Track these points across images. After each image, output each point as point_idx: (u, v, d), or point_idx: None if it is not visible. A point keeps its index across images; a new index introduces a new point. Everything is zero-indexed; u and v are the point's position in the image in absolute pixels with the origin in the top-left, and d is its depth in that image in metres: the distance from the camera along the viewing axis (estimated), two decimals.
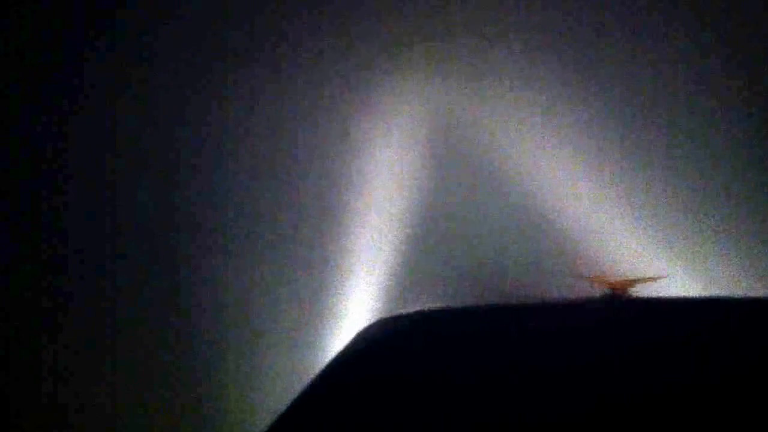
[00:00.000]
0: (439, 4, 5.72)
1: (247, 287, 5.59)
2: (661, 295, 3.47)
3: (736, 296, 4.59)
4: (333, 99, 5.67)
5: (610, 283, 3.43)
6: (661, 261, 5.20)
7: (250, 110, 5.71)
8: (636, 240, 5.41)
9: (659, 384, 2.72)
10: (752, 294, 5.02)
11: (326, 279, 5.56)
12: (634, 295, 3.41)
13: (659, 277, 3.53)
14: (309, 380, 3.34)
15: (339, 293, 5.53)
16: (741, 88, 5.57)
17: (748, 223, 5.42)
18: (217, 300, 5.57)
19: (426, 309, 3.58)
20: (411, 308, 5.24)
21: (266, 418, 5.38)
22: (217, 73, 5.73)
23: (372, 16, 5.70)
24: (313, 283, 5.56)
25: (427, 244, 5.59)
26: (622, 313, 3.28)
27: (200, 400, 5.46)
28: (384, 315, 4.82)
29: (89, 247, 5.72)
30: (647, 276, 3.51)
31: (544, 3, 5.68)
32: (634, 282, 3.44)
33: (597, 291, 3.38)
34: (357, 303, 5.47)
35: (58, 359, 5.54)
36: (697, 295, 4.47)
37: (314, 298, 5.54)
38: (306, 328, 5.52)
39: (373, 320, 3.50)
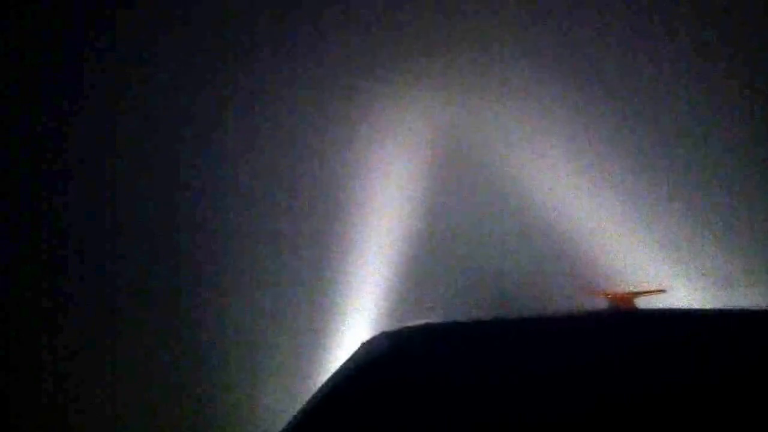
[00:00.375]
0: (440, 12, 5.70)
1: (249, 289, 5.60)
2: (662, 306, 3.50)
3: (736, 308, 4.62)
4: (336, 105, 5.66)
5: (612, 296, 3.45)
6: (663, 271, 5.21)
7: (255, 116, 5.69)
8: (639, 249, 5.43)
9: (657, 388, 2.74)
10: (754, 305, 5.04)
11: (329, 282, 5.56)
12: (636, 307, 3.43)
13: (661, 290, 3.54)
14: (311, 385, 3.36)
15: (341, 295, 5.53)
16: (744, 93, 5.57)
17: (753, 231, 5.43)
18: (219, 302, 5.57)
19: (429, 322, 3.60)
20: (412, 312, 5.26)
21: (268, 420, 5.42)
22: (220, 77, 5.70)
23: (375, 23, 5.68)
24: (315, 285, 5.56)
25: (429, 249, 5.59)
26: (622, 322, 3.30)
27: (201, 401, 5.47)
28: (386, 322, 4.85)
29: (89, 247, 5.71)
30: (649, 289, 3.52)
31: (544, 8, 5.66)
32: (636, 295, 3.46)
33: (599, 303, 3.40)
34: (359, 305, 5.48)
35: (58, 359, 5.54)
36: (699, 307, 4.50)
37: (317, 300, 5.55)
38: (308, 330, 5.53)
39: (376, 332, 3.50)
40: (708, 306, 4.82)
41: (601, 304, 3.33)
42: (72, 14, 5.62)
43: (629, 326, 3.27)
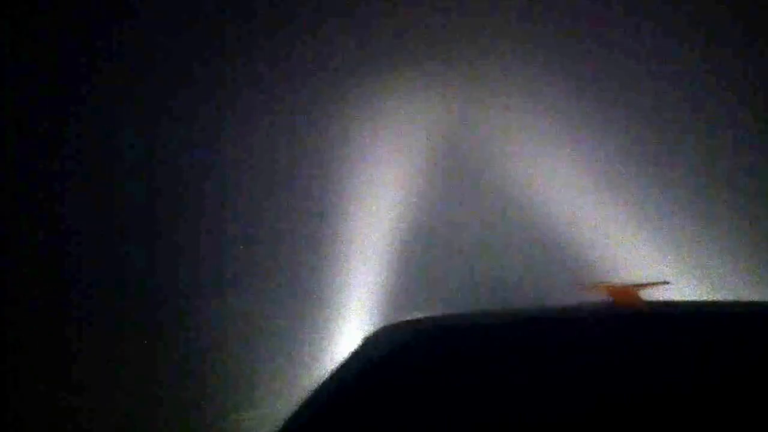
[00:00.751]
0: (440, 10, 5.69)
1: (247, 289, 5.58)
2: (664, 299, 3.48)
3: (739, 300, 4.60)
4: (333, 104, 5.65)
5: (613, 289, 3.41)
6: (666, 265, 5.19)
7: (251, 116, 5.69)
8: (641, 245, 5.41)
9: (661, 387, 2.72)
10: (757, 298, 5.03)
11: (327, 282, 5.55)
12: (638, 300, 3.40)
13: (663, 283, 3.50)
14: (312, 384, 3.33)
15: (340, 296, 5.52)
16: (748, 91, 5.57)
17: (754, 226, 5.41)
18: (217, 302, 5.56)
19: (431, 316, 3.58)
20: (412, 312, 5.23)
21: (266, 420, 5.39)
22: (213, 77, 5.70)
23: (373, 22, 5.67)
24: (314, 285, 5.55)
25: (428, 247, 5.58)
26: (624, 321, 3.28)
27: (199, 402, 5.44)
28: (387, 320, 4.81)
29: (90, 247, 5.70)
30: (650, 281, 3.49)
31: (546, 7, 5.66)
32: (637, 288, 3.42)
33: (599, 297, 3.36)
34: (358, 306, 5.46)
35: (55, 360, 5.52)
36: (701, 299, 4.48)
37: (315, 300, 5.54)
38: (306, 329, 5.52)
39: (377, 326, 3.48)
40: (710, 297, 4.81)
41: (603, 297, 3.30)
42: (78, 17, 5.62)
43: (631, 325, 3.25)
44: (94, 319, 5.47)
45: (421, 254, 5.55)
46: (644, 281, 3.44)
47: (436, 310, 4.80)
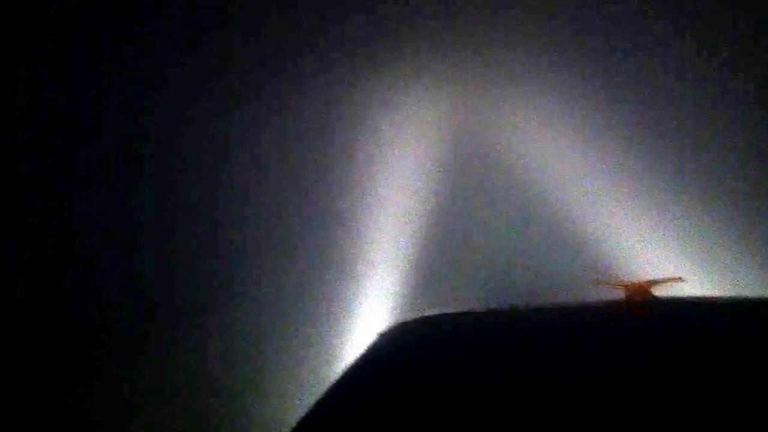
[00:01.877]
0: (449, 10, 5.71)
1: (258, 291, 5.61)
2: (677, 295, 3.48)
3: (751, 297, 4.59)
4: (343, 105, 5.68)
5: (627, 286, 3.42)
6: (678, 263, 5.19)
7: (260, 118, 5.71)
8: (653, 242, 5.41)
9: (669, 384, 2.73)
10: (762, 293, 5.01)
11: (339, 282, 5.58)
12: (653, 295, 3.40)
13: (676, 279, 3.51)
14: (327, 382, 3.35)
15: (351, 296, 5.54)
16: (756, 91, 5.56)
17: (764, 224, 5.40)
18: (228, 304, 5.58)
19: (443, 312, 3.61)
20: (423, 311, 5.25)
21: (276, 422, 5.40)
22: (224, 80, 5.72)
23: (381, 23, 5.69)
24: (325, 286, 5.58)
25: (439, 247, 5.59)
26: (635, 317, 3.28)
27: (210, 404, 5.46)
28: (401, 318, 4.83)
29: (96, 247, 5.73)
30: (664, 278, 3.49)
31: (552, 7, 5.67)
32: (650, 284, 3.43)
33: (613, 294, 3.38)
34: (370, 305, 5.48)
35: (58, 361, 5.55)
36: (714, 296, 4.48)
37: (326, 302, 5.56)
38: (317, 331, 5.54)
39: (391, 323, 3.51)
40: (722, 293, 4.80)
41: (617, 294, 3.32)
42: (86, 20, 5.65)
43: (641, 323, 3.26)
44: (106, 324, 5.50)
45: (435, 255, 5.58)
46: (659, 278, 3.44)
47: (450, 308, 4.82)
